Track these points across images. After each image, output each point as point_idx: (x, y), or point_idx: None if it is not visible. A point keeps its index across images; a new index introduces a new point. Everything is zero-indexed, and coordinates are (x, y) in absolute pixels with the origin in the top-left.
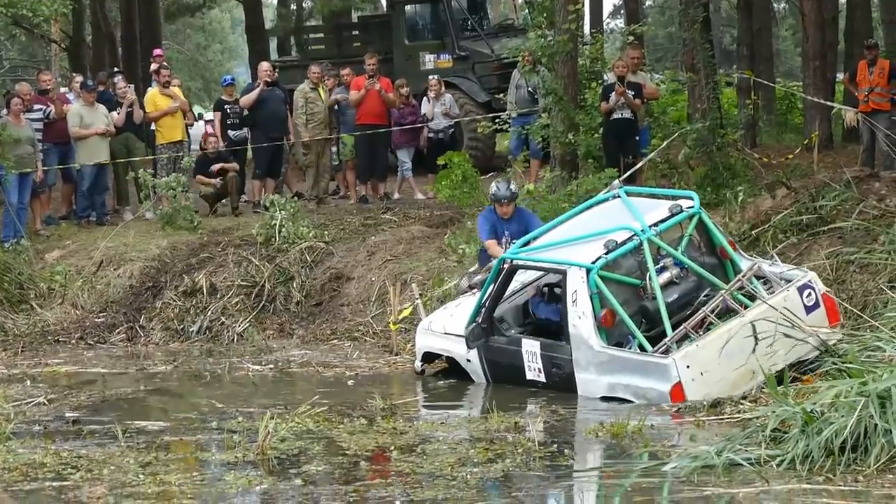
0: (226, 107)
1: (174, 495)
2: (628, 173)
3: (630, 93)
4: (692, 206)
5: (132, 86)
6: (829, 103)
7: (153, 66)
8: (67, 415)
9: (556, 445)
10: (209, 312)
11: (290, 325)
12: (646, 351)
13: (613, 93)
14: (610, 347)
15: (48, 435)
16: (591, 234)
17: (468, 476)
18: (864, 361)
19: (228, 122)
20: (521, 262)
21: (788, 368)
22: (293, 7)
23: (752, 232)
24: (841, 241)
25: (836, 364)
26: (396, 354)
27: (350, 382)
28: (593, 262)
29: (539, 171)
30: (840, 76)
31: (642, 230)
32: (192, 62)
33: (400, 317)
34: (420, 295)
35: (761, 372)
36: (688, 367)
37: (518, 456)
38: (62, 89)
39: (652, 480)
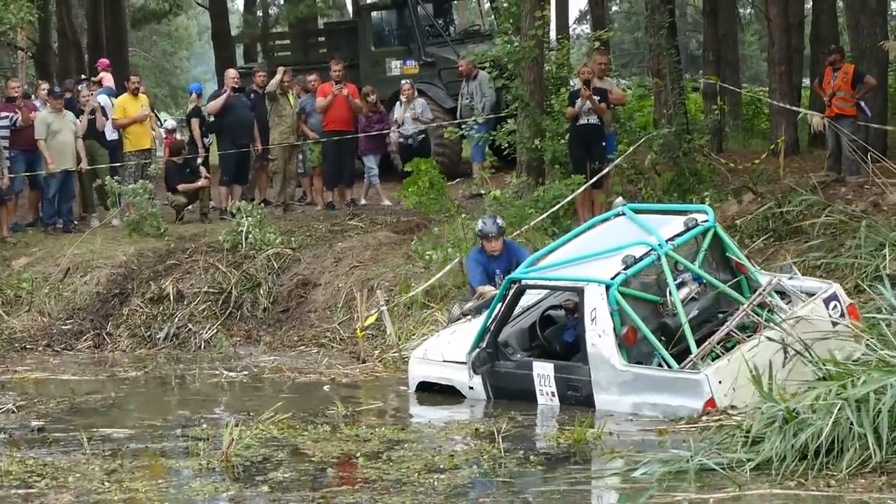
0: (203, 114)
1: (140, 503)
2: (594, 179)
3: (596, 98)
4: (707, 221)
5: (95, 93)
6: (794, 108)
7: (102, 76)
8: (33, 423)
9: (521, 452)
10: (176, 319)
11: (256, 332)
12: (671, 368)
13: (579, 97)
14: (634, 366)
15: (14, 443)
16: (603, 250)
17: (435, 483)
18: (840, 364)
19: (202, 129)
20: (531, 282)
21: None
22: (259, 14)
23: None
24: (807, 245)
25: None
26: (363, 361)
27: (326, 388)
28: (612, 278)
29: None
30: (806, 81)
31: (659, 245)
32: (159, 69)
33: (365, 324)
34: (386, 301)
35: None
36: (720, 382)
37: (485, 462)
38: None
39: (637, 485)
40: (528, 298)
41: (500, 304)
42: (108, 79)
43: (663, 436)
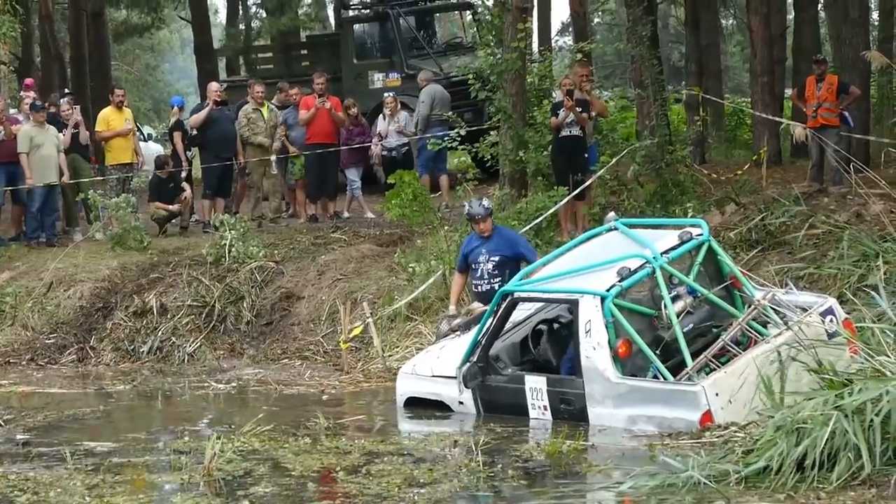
0: (185, 127)
1: None
2: (577, 191)
3: (578, 109)
4: (702, 234)
5: (77, 107)
6: (777, 119)
7: (26, 100)
8: (19, 437)
9: (500, 465)
10: (160, 333)
11: (240, 345)
12: (667, 380)
13: (563, 108)
14: (629, 378)
15: None
16: (598, 263)
17: (416, 497)
18: (838, 373)
19: (184, 142)
20: (524, 295)
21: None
22: (242, 26)
23: None
24: (790, 256)
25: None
26: (347, 373)
27: (325, 397)
28: (608, 290)
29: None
30: (788, 92)
31: (654, 258)
32: (141, 82)
33: (350, 335)
34: (371, 314)
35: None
36: (717, 394)
37: (464, 476)
38: (11, 111)
39: (624, 499)
40: (519, 314)
41: (491, 318)
42: (27, 100)
43: (653, 450)
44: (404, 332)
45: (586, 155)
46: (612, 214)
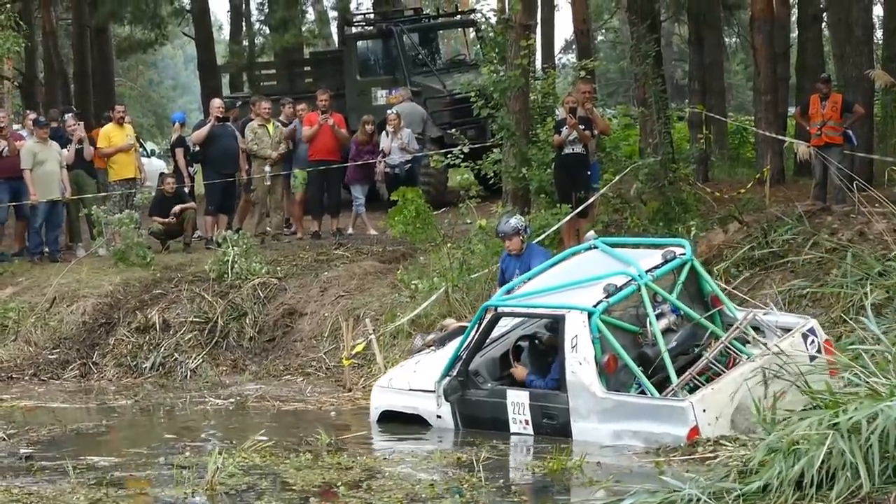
0: (187, 143)
1: None
2: (580, 208)
3: (581, 126)
4: (684, 254)
5: (81, 123)
6: (780, 137)
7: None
8: (22, 451)
9: (501, 481)
10: (162, 348)
11: (243, 361)
12: (654, 396)
13: (566, 126)
14: (616, 393)
15: (0, 471)
16: (583, 279)
17: None
18: (832, 393)
19: (186, 159)
20: (508, 310)
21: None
22: (245, 43)
23: (705, 267)
24: (793, 274)
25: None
26: (349, 390)
27: (332, 413)
28: (595, 306)
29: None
30: (792, 110)
31: (639, 275)
32: (145, 98)
33: (353, 352)
34: (373, 330)
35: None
36: (704, 410)
37: (466, 492)
38: (15, 126)
39: None
40: (496, 330)
41: (473, 332)
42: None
43: (661, 466)
44: (406, 349)
45: (589, 172)
46: (591, 233)
